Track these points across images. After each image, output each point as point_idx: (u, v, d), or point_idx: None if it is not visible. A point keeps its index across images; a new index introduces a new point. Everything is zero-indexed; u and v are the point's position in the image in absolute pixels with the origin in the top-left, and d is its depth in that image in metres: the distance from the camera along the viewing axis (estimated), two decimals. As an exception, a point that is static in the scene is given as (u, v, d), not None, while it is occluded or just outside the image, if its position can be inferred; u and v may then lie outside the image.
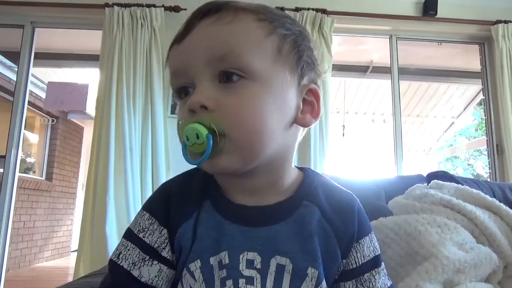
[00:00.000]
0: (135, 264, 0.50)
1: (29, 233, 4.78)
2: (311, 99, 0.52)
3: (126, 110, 2.42)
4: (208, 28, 0.48)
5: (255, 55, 0.47)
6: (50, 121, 5.36)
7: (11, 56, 4.07)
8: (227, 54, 0.46)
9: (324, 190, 0.54)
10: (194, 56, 0.48)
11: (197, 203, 0.52)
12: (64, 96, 3.29)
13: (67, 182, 5.70)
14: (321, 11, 2.65)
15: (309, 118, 0.52)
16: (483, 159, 8.98)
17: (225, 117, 0.45)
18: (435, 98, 5.15)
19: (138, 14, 2.54)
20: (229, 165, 0.46)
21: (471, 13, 2.87)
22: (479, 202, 0.85)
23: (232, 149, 0.45)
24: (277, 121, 0.48)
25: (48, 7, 2.63)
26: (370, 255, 0.53)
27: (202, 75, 0.47)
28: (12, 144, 2.61)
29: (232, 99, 0.46)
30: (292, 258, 0.48)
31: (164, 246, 0.51)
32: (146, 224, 0.52)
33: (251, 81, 0.46)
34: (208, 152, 0.44)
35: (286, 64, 0.49)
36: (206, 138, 0.44)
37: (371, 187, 1.20)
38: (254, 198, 0.52)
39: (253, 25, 0.48)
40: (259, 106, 0.46)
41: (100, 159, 2.38)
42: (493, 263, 0.73)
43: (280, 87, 0.48)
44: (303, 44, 0.51)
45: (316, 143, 2.53)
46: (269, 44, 0.48)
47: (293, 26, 0.51)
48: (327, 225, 0.51)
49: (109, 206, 2.30)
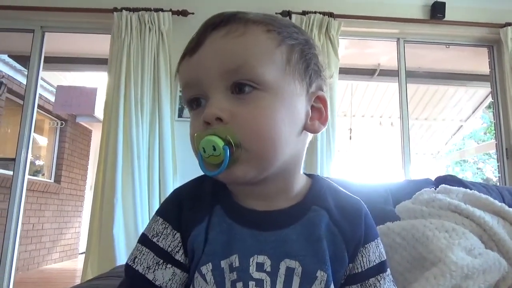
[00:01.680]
0: (150, 268, 0.52)
1: (37, 235, 4.83)
2: (319, 105, 0.54)
3: (134, 113, 2.44)
4: (220, 41, 0.49)
5: (266, 67, 0.48)
6: (59, 124, 5.41)
7: (21, 60, 4.12)
8: (240, 67, 0.47)
9: (332, 195, 0.55)
10: (207, 68, 0.49)
11: (208, 208, 0.53)
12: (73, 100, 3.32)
13: (75, 185, 5.75)
14: (328, 15, 2.65)
15: (318, 124, 0.53)
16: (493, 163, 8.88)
17: (240, 128, 0.46)
18: (443, 101, 5.11)
19: (146, 18, 2.56)
20: (244, 175, 0.48)
21: (479, 16, 2.85)
22: (488, 207, 0.84)
23: (248, 159, 0.47)
24: (290, 129, 0.49)
25: (57, 12, 2.67)
26: (375, 261, 0.54)
27: (215, 87, 0.49)
28: (22, 146, 2.64)
29: (246, 110, 0.47)
30: (302, 261, 0.49)
31: (178, 250, 0.53)
32: (160, 229, 0.54)
33: (264, 92, 0.48)
34: (226, 164, 0.45)
35: (295, 73, 0.50)
36: (223, 150, 0.45)
37: (379, 191, 1.19)
38: (265, 203, 0.53)
39: (263, 37, 0.49)
40: (273, 116, 0.47)
41: (108, 162, 2.40)
42: (502, 269, 0.72)
43: (290, 96, 0.49)
44: (310, 53, 0.53)
45: (323, 147, 2.53)
46: (279, 55, 0.49)
47: (299, 35, 0.53)
48: (335, 228, 0.52)
49: (117, 209, 2.31)
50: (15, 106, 4.44)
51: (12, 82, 4.44)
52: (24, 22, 2.77)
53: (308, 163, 2.48)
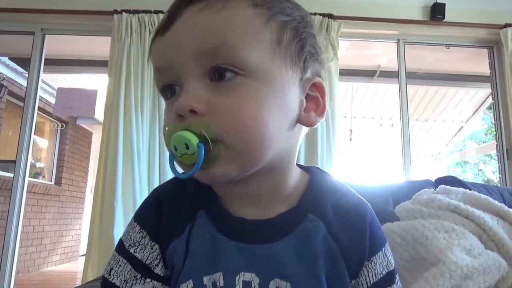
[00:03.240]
0: (127, 281, 0.47)
1: (38, 237, 4.83)
2: (315, 94, 0.46)
3: (134, 116, 2.45)
4: (195, 16, 0.41)
5: (252, 48, 0.40)
6: (60, 126, 5.42)
7: (21, 63, 4.13)
8: (219, 47, 0.39)
9: (332, 199, 0.48)
10: (179, 50, 0.41)
11: (190, 215, 0.47)
12: (73, 102, 3.32)
13: (75, 187, 5.75)
14: (328, 16, 2.65)
15: (314, 116, 0.45)
16: (494, 164, 8.87)
17: (219, 121, 0.39)
18: (443, 103, 5.10)
19: (146, 20, 2.57)
20: (225, 174, 0.41)
21: (479, 17, 2.85)
22: (488, 208, 0.84)
23: (229, 157, 0.40)
24: (279, 122, 0.42)
25: (58, 14, 2.67)
26: (382, 272, 0.48)
27: (190, 72, 0.41)
28: (22, 149, 2.64)
29: (226, 100, 0.39)
30: (293, 283, 0.43)
31: (157, 263, 0.48)
32: (137, 238, 0.48)
33: (249, 79, 0.40)
34: (199, 164, 0.39)
35: (287, 56, 0.42)
36: (197, 148, 0.38)
37: (379, 191, 1.19)
38: (255, 209, 0.46)
39: (248, 12, 0.41)
40: (259, 107, 0.40)
41: (108, 164, 2.40)
42: (502, 269, 0.72)
43: (281, 83, 0.42)
44: (306, 31, 0.45)
45: (323, 148, 2.52)
46: (267, 33, 0.41)
47: (294, 10, 0.45)
48: (333, 243, 0.45)
49: (117, 211, 2.31)
50: (16, 108, 4.44)
51: (13, 84, 4.45)
52: (25, 24, 2.78)
53: (309, 164, 2.47)
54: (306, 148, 2.51)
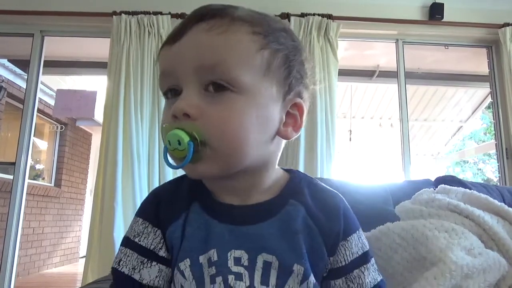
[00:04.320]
0: (135, 268, 0.52)
1: (38, 239, 4.82)
2: (295, 112, 0.53)
3: (133, 117, 2.45)
4: (201, 34, 0.48)
5: (244, 69, 0.47)
6: (59, 128, 5.42)
7: (21, 64, 4.13)
8: (216, 65, 0.47)
9: (310, 190, 0.55)
10: (184, 61, 0.48)
11: (185, 205, 0.54)
12: (73, 103, 3.32)
13: (75, 189, 5.75)
14: (327, 17, 2.65)
15: (290, 131, 0.52)
16: (493, 163, 8.88)
17: (208, 127, 0.46)
18: (442, 102, 5.11)
19: (145, 21, 2.57)
20: (207, 172, 0.49)
21: (478, 17, 2.86)
22: (488, 207, 0.84)
23: (212, 158, 0.47)
24: (259, 134, 0.49)
25: (57, 16, 2.68)
26: (358, 252, 0.54)
27: (189, 81, 0.48)
28: (22, 151, 2.64)
29: (216, 110, 0.47)
30: (278, 256, 0.49)
31: (161, 246, 0.53)
32: (140, 229, 0.54)
33: (238, 95, 0.47)
34: (188, 159, 0.46)
35: (274, 79, 0.50)
36: (188, 145, 0.46)
37: (379, 191, 1.19)
38: (240, 198, 0.53)
39: (246, 38, 0.48)
40: (242, 120, 0.47)
41: (108, 166, 2.40)
42: (502, 269, 0.72)
43: (265, 102, 0.49)
44: (295, 59, 0.52)
45: (323, 148, 2.53)
46: (259, 58, 0.48)
47: (287, 40, 0.52)
48: (311, 222, 0.52)
49: (117, 212, 2.31)
50: (15, 110, 4.44)
51: (12, 86, 4.45)
52: (24, 26, 2.78)
53: (308, 164, 2.48)
54: (306, 149, 2.51)
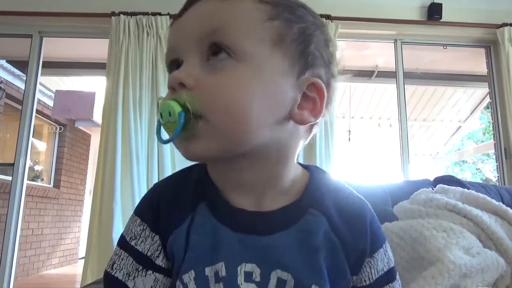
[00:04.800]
0: (130, 274, 0.48)
1: (37, 240, 4.81)
2: (313, 95, 0.46)
3: (132, 118, 2.44)
4: (202, 5, 0.45)
5: (248, 36, 0.43)
6: (58, 129, 5.41)
7: (19, 65, 4.12)
8: (216, 30, 0.43)
9: (333, 196, 0.49)
10: (184, 32, 0.45)
11: (190, 206, 0.48)
12: (72, 104, 3.32)
13: (74, 190, 5.74)
14: (326, 17, 2.65)
15: (307, 115, 0.45)
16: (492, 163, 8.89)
17: (203, 96, 0.41)
18: (441, 102, 5.12)
19: (144, 22, 2.57)
20: (203, 151, 0.43)
21: (476, 17, 2.86)
22: (486, 207, 0.85)
23: (209, 134, 0.42)
24: (266, 111, 0.43)
25: (55, 17, 2.67)
26: (384, 269, 0.49)
27: (190, 51, 0.44)
28: (21, 152, 2.64)
29: (213, 78, 0.42)
30: (295, 274, 0.44)
31: (158, 254, 0.48)
32: (137, 231, 0.50)
33: (239, 63, 0.42)
34: (178, 131, 0.41)
35: (286, 52, 0.44)
36: (178, 116, 0.41)
37: (377, 191, 1.19)
38: (253, 199, 0.47)
39: (251, 6, 0.44)
40: (244, 91, 0.42)
41: (107, 166, 2.39)
42: (500, 268, 0.72)
43: (272, 75, 0.43)
44: (314, 35, 0.46)
45: (322, 148, 2.53)
46: (268, 28, 0.44)
47: (307, 15, 0.47)
48: (334, 237, 0.46)
49: (116, 213, 2.30)
50: (14, 111, 4.44)
51: (11, 87, 4.45)
52: (22, 27, 2.78)
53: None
54: (305, 149, 2.51)
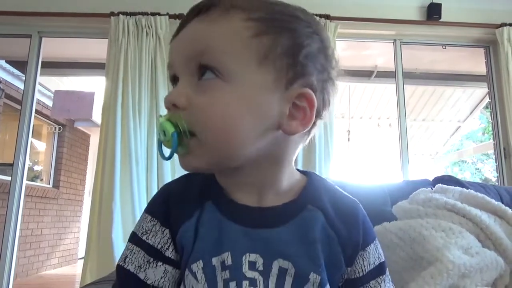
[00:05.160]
0: (141, 267, 0.51)
1: (36, 240, 4.81)
2: (303, 104, 0.47)
3: (131, 118, 2.44)
4: (194, 26, 0.48)
5: (233, 56, 0.45)
6: (57, 129, 5.41)
7: (18, 65, 4.12)
8: (204, 52, 0.45)
9: (329, 196, 0.53)
10: (178, 51, 0.49)
11: (198, 203, 0.52)
12: (71, 104, 3.33)
13: (74, 190, 5.73)
14: (325, 17, 2.66)
15: (296, 125, 0.47)
16: (491, 163, 8.89)
17: (193, 116, 0.45)
18: (441, 102, 5.12)
19: (143, 22, 2.57)
20: (196, 165, 0.47)
21: (475, 17, 2.86)
22: (485, 206, 0.85)
23: (201, 150, 0.46)
24: (252, 126, 0.45)
25: (54, 17, 2.67)
26: (375, 262, 0.53)
27: (182, 70, 0.48)
28: (20, 152, 2.63)
29: (201, 99, 0.45)
30: (295, 262, 0.48)
31: (168, 247, 0.51)
32: (148, 226, 0.52)
33: (224, 82, 0.45)
34: (173, 150, 0.45)
35: (272, 67, 0.46)
36: (171, 136, 0.45)
37: (377, 191, 1.19)
38: (255, 198, 0.51)
39: (238, 25, 0.45)
40: (230, 110, 0.45)
41: (106, 166, 2.39)
42: (499, 268, 0.72)
43: (258, 91, 0.45)
44: (305, 46, 0.47)
45: (321, 148, 2.53)
46: (255, 45, 0.45)
47: (299, 26, 0.47)
48: (331, 231, 0.50)
49: (115, 213, 2.30)
50: (13, 111, 4.44)
51: (10, 87, 4.44)
52: (21, 27, 2.77)
53: (307, 164, 2.48)
54: (304, 149, 2.51)
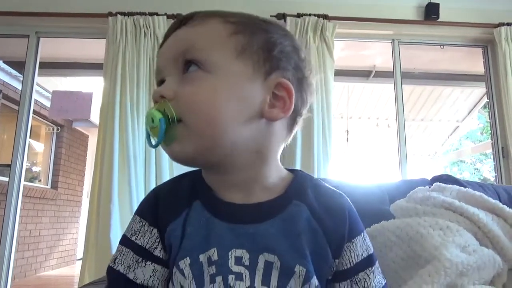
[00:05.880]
0: (130, 267, 0.52)
1: (35, 241, 4.80)
2: (282, 94, 0.52)
3: (129, 118, 2.44)
4: (179, 32, 0.53)
5: (213, 50, 0.50)
6: (55, 130, 5.40)
7: (16, 66, 4.11)
8: (188, 48, 0.50)
9: (315, 190, 0.55)
10: (164, 55, 0.53)
11: (186, 203, 0.53)
12: (69, 105, 3.31)
13: (72, 190, 5.73)
14: (323, 17, 2.66)
15: (277, 112, 0.51)
16: (490, 162, 8.91)
17: (180, 104, 0.49)
18: (439, 102, 5.12)
19: (141, 22, 2.57)
20: (182, 150, 0.50)
21: (473, 16, 2.87)
22: (482, 205, 0.85)
23: (187, 135, 0.49)
24: (234, 111, 0.49)
25: (52, 17, 2.67)
26: (363, 254, 0.54)
27: (169, 71, 0.52)
28: (18, 153, 2.63)
29: (187, 89, 0.49)
30: (280, 256, 0.49)
31: (156, 246, 0.53)
32: (137, 227, 0.54)
33: (207, 73, 0.49)
34: (161, 134, 0.48)
35: (251, 59, 0.51)
36: (159, 122, 0.47)
37: (375, 191, 1.19)
38: (242, 195, 0.53)
39: (217, 26, 0.52)
40: (213, 95, 0.49)
41: (104, 167, 2.39)
42: (496, 266, 0.72)
43: (239, 81, 0.50)
44: (279, 43, 0.52)
45: (320, 148, 2.53)
46: (232, 41, 0.51)
47: (272, 29, 0.54)
48: (316, 225, 0.51)
49: (113, 214, 2.30)
50: (11, 112, 4.43)
51: (8, 88, 4.44)
52: (19, 27, 2.77)
53: (305, 164, 2.48)
54: (302, 149, 2.51)
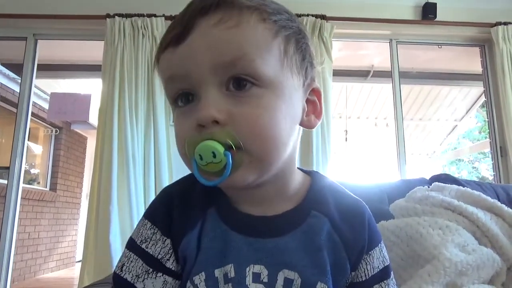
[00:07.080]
0: (139, 276, 0.49)
1: (34, 244, 4.79)
2: (314, 98, 0.51)
3: (128, 120, 2.44)
4: (211, 31, 0.43)
5: (265, 60, 0.43)
6: (54, 132, 5.38)
7: (14, 68, 4.10)
8: (236, 60, 0.42)
9: (333, 197, 0.52)
10: (197, 61, 0.43)
11: (201, 211, 0.50)
12: (67, 107, 3.30)
13: (71, 193, 5.71)
14: (321, 17, 2.66)
15: (314, 119, 0.50)
16: (488, 161, 8.92)
17: (240, 130, 0.42)
18: (437, 101, 5.13)
19: (139, 24, 2.57)
20: (244, 179, 0.44)
21: (470, 16, 2.87)
22: (481, 204, 0.85)
23: (249, 163, 0.43)
24: (290, 128, 0.46)
25: (50, 19, 2.66)
26: (379, 266, 0.52)
27: (207, 83, 0.43)
28: (16, 155, 2.62)
29: (246, 110, 0.42)
30: (301, 272, 0.46)
31: (169, 257, 0.49)
32: (148, 234, 0.50)
33: (263, 89, 0.43)
34: (228, 171, 0.41)
35: (292, 66, 0.46)
36: (225, 156, 0.41)
37: (374, 190, 1.19)
38: (261, 208, 0.49)
39: (260, 27, 0.44)
40: (275, 116, 0.43)
41: (103, 169, 2.38)
42: (495, 265, 0.72)
43: (289, 92, 0.46)
44: (304, 43, 0.49)
45: (319, 148, 2.53)
46: (276, 46, 0.45)
47: (292, 23, 0.48)
48: (336, 237, 0.49)
49: (113, 216, 2.30)
50: (9, 114, 4.41)
51: (6, 90, 4.42)
52: (17, 29, 2.77)
53: (305, 165, 2.46)
54: (301, 149, 2.51)
